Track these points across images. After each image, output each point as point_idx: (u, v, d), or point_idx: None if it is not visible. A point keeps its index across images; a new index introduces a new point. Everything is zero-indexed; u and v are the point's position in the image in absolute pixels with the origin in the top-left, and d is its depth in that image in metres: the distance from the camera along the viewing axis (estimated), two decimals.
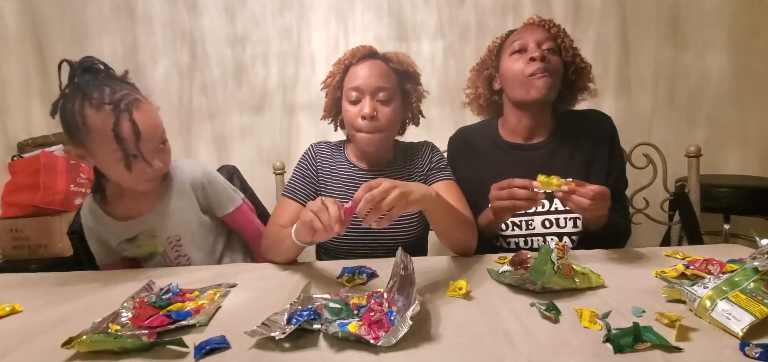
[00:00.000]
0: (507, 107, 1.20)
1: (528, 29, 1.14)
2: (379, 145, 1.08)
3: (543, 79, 1.07)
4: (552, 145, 1.16)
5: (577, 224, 1.09)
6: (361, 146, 1.09)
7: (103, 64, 0.98)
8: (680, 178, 1.69)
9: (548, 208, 1.10)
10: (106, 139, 0.88)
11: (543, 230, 1.11)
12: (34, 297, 0.84)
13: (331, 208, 0.77)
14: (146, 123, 0.92)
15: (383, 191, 0.75)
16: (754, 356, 0.52)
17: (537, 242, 1.11)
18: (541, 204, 1.11)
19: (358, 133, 1.06)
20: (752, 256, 0.66)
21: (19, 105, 2.16)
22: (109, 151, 0.89)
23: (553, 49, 1.10)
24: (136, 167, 0.93)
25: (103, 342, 0.59)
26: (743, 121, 2.06)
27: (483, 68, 1.25)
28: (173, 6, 2.19)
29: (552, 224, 1.10)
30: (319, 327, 0.62)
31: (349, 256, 1.09)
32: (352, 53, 1.09)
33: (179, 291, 0.79)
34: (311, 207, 0.81)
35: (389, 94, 1.06)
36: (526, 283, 0.75)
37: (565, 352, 0.55)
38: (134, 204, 1.04)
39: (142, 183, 0.98)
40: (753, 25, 2.00)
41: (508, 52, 1.14)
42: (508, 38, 1.17)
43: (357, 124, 1.06)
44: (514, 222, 1.12)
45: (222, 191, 1.13)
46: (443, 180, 1.12)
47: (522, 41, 1.11)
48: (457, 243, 1.00)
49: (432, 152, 1.18)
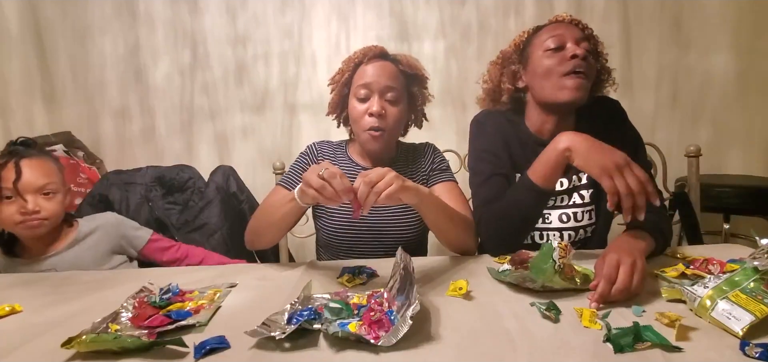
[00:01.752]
0: (531, 107, 1.13)
1: (562, 26, 1.06)
2: (383, 144, 1.09)
3: (578, 79, 0.99)
4: None
5: (592, 216, 1.08)
6: (366, 145, 1.09)
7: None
8: (680, 178, 1.69)
9: (567, 203, 1.08)
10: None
11: (560, 224, 1.08)
12: (34, 297, 0.85)
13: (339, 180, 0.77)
14: (32, 169, 1.07)
15: (379, 174, 0.78)
16: (754, 356, 0.52)
17: (553, 237, 1.09)
18: (560, 198, 1.09)
19: (364, 131, 1.07)
20: (752, 256, 0.66)
21: (20, 105, 2.17)
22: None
23: (590, 51, 1.04)
24: (7, 207, 1.05)
25: (103, 342, 0.59)
26: (747, 122, 2.05)
27: (507, 62, 1.15)
28: (175, 6, 2.19)
29: (569, 218, 1.08)
30: (319, 327, 0.62)
31: (350, 256, 1.09)
32: (363, 52, 1.10)
33: (179, 291, 0.79)
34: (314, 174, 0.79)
35: (397, 94, 1.07)
36: (527, 282, 0.75)
37: (565, 352, 0.55)
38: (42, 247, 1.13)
39: (12, 225, 1.07)
40: (757, 26, 1.99)
41: (540, 49, 1.05)
42: (538, 34, 1.09)
43: (364, 122, 1.06)
44: None
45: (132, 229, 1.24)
46: (445, 181, 1.13)
47: (559, 38, 1.03)
48: (454, 242, 1.00)
49: (434, 154, 1.19)
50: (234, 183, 1.40)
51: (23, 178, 1.05)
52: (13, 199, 1.04)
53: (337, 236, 1.12)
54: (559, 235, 1.08)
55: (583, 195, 1.07)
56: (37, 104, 2.24)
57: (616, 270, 0.71)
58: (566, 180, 1.08)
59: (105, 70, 2.23)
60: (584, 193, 1.07)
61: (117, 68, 2.24)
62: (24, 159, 1.07)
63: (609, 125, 1.10)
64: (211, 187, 1.39)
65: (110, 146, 2.29)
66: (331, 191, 0.77)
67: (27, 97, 2.20)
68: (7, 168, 1.05)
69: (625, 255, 0.73)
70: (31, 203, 1.05)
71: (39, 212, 1.06)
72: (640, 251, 0.79)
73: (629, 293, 0.70)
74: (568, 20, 1.08)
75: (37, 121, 2.22)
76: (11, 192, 1.04)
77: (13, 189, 1.04)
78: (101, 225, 1.19)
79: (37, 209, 1.06)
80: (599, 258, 0.77)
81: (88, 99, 2.26)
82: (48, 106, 2.26)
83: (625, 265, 0.71)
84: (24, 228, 1.06)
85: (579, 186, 1.08)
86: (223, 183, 1.41)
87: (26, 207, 1.04)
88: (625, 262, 0.72)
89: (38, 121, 2.23)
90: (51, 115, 2.26)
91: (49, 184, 1.09)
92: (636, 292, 0.71)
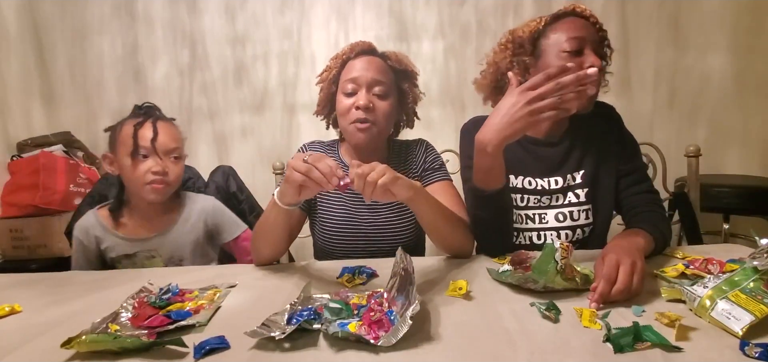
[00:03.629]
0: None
1: (581, 26, 0.99)
2: (371, 139, 1.05)
3: (591, 91, 0.95)
4: (567, 143, 1.10)
5: (589, 216, 1.08)
6: (353, 137, 1.06)
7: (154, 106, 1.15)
8: (680, 178, 1.69)
9: (562, 202, 1.08)
10: (127, 137, 1.05)
11: (556, 223, 1.08)
12: (34, 297, 0.84)
13: (326, 160, 0.77)
14: (165, 131, 1.08)
15: (371, 166, 0.78)
16: (754, 355, 0.52)
17: (550, 236, 1.09)
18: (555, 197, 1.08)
19: (351, 124, 1.04)
20: (752, 256, 0.66)
21: (19, 105, 2.16)
22: (126, 146, 1.04)
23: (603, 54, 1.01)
24: (141, 164, 1.05)
25: (103, 342, 0.58)
26: (744, 122, 2.06)
27: (520, 51, 1.06)
28: (173, 6, 2.19)
29: (566, 217, 1.07)
30: (319, 327, 0.62)
31: (347, 259, 1.09)
32: (350, 48, 1.09)
33: (179, 291, 0.79)
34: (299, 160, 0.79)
35: (385, 88, 1.05)
36: (528, 283, 0.74)
37: (565, 352, 0.55)
38: (144, 224, 1.13)
39: (141, 185, 1.05)
40: (754, 26, 2.00)
41: (556, 47, 0.99)
42: (554, 27, 1.01)
43: (350, 115, 1.04)
44: (527, 216, 1.09)
45: (229, 219, 1.22)
46: (439, 180, 1.10)
47: (578, 42, 0.97)
48: (449, 243, 0.97)
49: (426, 151, 1.16)
50: (234, 183, 1.40)
51: (159, 139, 1.06)
52: (146, 158, 1.05)
53: (333, 242, 1.11)
54: (556, 235, 1.08)
55: (578, 195, 1.06)
56: (36, 104, 2.24)
57: (615, 271, 0.71)
58: (560, 178, 1.08)
59: (104, 70, 2.23)
60: (579, 192, 1.06)
61: (116, 68, 2.24)
62: (159, 120, 1.09)
63: (607, 130, 1.10)
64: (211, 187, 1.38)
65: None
66: (318, 174, 0.76)
67: (25, 97, 2.19)
68: (145, 127, 1.06)
69: (624, 255, 0.73)
70: (164, 164, 1.06)
71: (167, 174, 1.07)
72: (640, 250, 0.79)
73: (629, 293, 0.70)
74: (588, 14, 1.01)
75: (35, 121, 2.22)
76: (148, 151, 1.05)
77: (151, 148, 1.05)
78: (202, 209, 1.19)
79: (166, 171, 1.07)
80: (598, 259, 0.76)
81: (87, 99, 2.26)
82: (46, 106, 2.26)
83: (625, 265, 0.71)
84: (151, 190, 1.06)
85: (573, 185, 1.08)
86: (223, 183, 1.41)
87: (159, 166, 1.05)
88: (625, 262, 0.72)
89: (36, 120, 2.22)
90: (49, 115, 2.26)
91: (178, 149, 1.11)
92: (636, 292, 0.71)
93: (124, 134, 1.06)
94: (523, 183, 1.10)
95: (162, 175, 1.06)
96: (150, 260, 1.13)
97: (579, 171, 1.08)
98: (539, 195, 1.09)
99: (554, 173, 1.09)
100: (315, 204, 1.14)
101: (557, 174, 1.08)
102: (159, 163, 1.05)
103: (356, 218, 1.10)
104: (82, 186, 1.98)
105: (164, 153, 1.07)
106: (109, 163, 1.11)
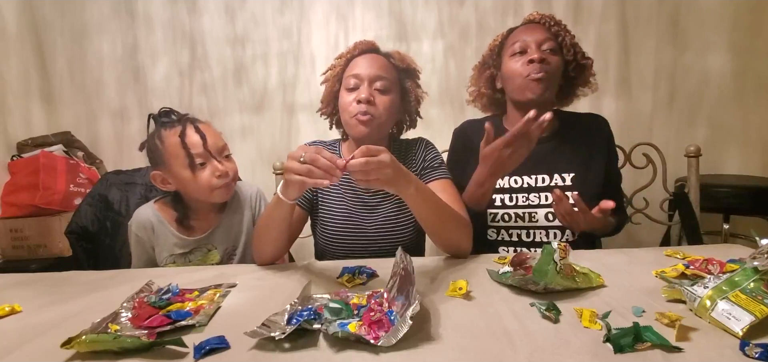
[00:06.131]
0: (509, 106, 1.21)
1: (528, 29, 1.13)
2: (372, 132, 1.05)
3: (539, 81, 1.08)
4: (554, 143, 1.16)
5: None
6: (354, 129, 1.06)
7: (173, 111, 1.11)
8: (680, 178, 1.69)
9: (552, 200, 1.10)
10: (176, 148, 1.01)
11: (546, 223, 1.11)
12: (34, 297, 0.84)
13: (322, 154, 0.77)
14: (209, 132, 1.06)
15: (378, 148, 0.80)
16: (754, 356, 0.52)
17: (539, 235, 1.12)
18: (544, 197, 1.12)
19: (352, 118, 1.04)
20: (752, 256, 0.66)
21: (18, 105, 2.16)
22: (179, 158, 1.01)
23: (554, 48, 1.10)
24: (202, 173, 1.03)
25: (103, 342, 0.58)
26: (744, 122, 2.06)
27: (485, 67, 1.25)
28: (173, 6, 2.19)
29: (555, 217, 1.10)
30: (319, 327, 0.62)
31: (347, 259, 1.09)
32: (354, 46, 1.11)
33: (179, 291, 0.79)
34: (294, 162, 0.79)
35: (387, 84, 1.06)
36: (529, 284, 0.74)
37: (565, 352, 0.55)
38: (199, 224, 1.13)
39: (209, 192, 1.05)
40: (754, 25, 2.00)
41: (508, 53, 1.14)
42: (509, 37, 1.17)
43: (352, 108, 1.04)
44: (517, 215, 1.13)
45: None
46: (438, 179, 1.10)
47: (522, 42, 1.11)
48: (448, 241, 0.97)
49: (426, 149, 1.16)
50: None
51: (209, 141, 1.03)
52: (204, 166, 1.03)
53: (334, 243, 1.11)
54: (544, 233, 1.11)
55: (567, 196, 1.08)
56: (35, 104, 2.23)
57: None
58: (547, 176, 1.14)
59: (103, 70, 2.23)
60: (568, 194, 1.08)
61: (115, 68, 2.24)
62: (197, 123, 1.06)
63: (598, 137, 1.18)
64: None
65: (109, 146, 2.29)
66: (319, 171, 0.77)
67: (25, 97, 2.19)
68: (189, 134, 1.02)
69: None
70: (223, 164, 1.04)
71: (228, 174, 1.05)
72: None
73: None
74: (537, 19, 1.15)
75: (34, 121, 2.22)
76: (204, 157, 1.02)
77: (205, 153, 1.02)
78: (248, 195, 1.19)
79: (227, 171, 1.05)
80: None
81: (87, 99, 2.26)
82: (46, 106, 2.26)
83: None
84: (219, 194, 1.05)
85: (563, 187, 1.12)
86: None
87: (220, 169, 1.03)
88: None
89: (36, 120, 2.22)
90: (49, 115, 2.26)
91: (226, 145, 1.09)
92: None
93: (172, 147, 1.02)
94: (509, 183, 1.14)
95: (225, 177, 1.05)
96: (205, 255, 1.12)
97: (569, 173, 1.12)
98: (526, 194, 1.13)
99: (540, 170, 1.13)
100: (317, 205, 1.15)
101: (543, 171, 1.12)
102: (219, 166, 1.04)
103: (357, 219, 1.10)
104: (82, 186, 1.98)
105: (217, 153, 1.05)
106: (162, 181, 1.07)
